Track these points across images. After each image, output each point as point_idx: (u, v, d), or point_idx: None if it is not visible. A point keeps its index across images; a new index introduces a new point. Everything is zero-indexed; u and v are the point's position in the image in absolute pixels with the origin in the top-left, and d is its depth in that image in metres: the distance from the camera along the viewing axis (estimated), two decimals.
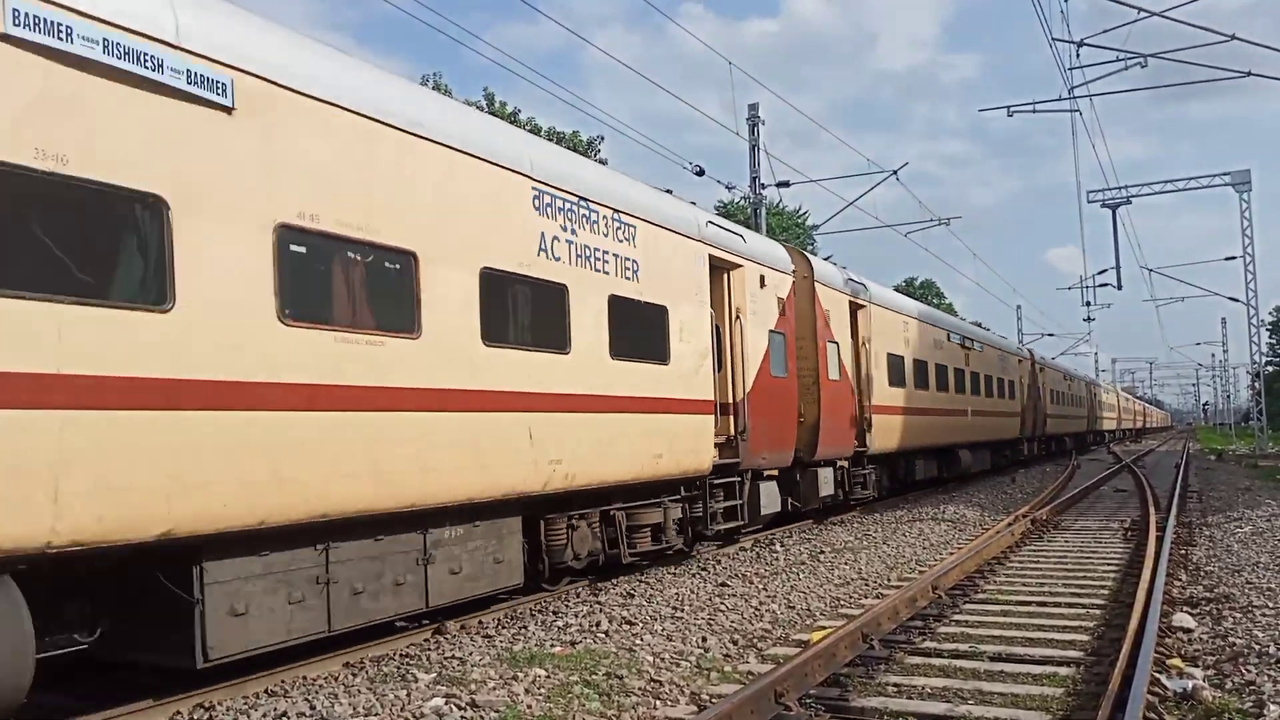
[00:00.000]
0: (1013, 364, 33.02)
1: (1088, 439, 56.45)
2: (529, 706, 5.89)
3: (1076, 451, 46.30)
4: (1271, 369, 74.05)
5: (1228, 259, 39.87)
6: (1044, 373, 39.80)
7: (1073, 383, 50.21)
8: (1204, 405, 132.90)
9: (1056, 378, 44.17)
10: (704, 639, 7.71)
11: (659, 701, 6.10)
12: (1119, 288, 35.11)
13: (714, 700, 5.97)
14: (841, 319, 16.83)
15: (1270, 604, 8.47)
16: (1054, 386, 42.58)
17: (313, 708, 5.94)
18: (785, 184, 25.99)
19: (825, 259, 19.83)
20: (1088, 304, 43.42)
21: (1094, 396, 59.68)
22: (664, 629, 8.09)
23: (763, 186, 24.42)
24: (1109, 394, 74.31)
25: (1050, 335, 62.41)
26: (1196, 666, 6.60)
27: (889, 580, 10.58)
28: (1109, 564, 11.33)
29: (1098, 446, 57.66)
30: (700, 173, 21.70)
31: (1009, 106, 27.68)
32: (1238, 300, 38.42)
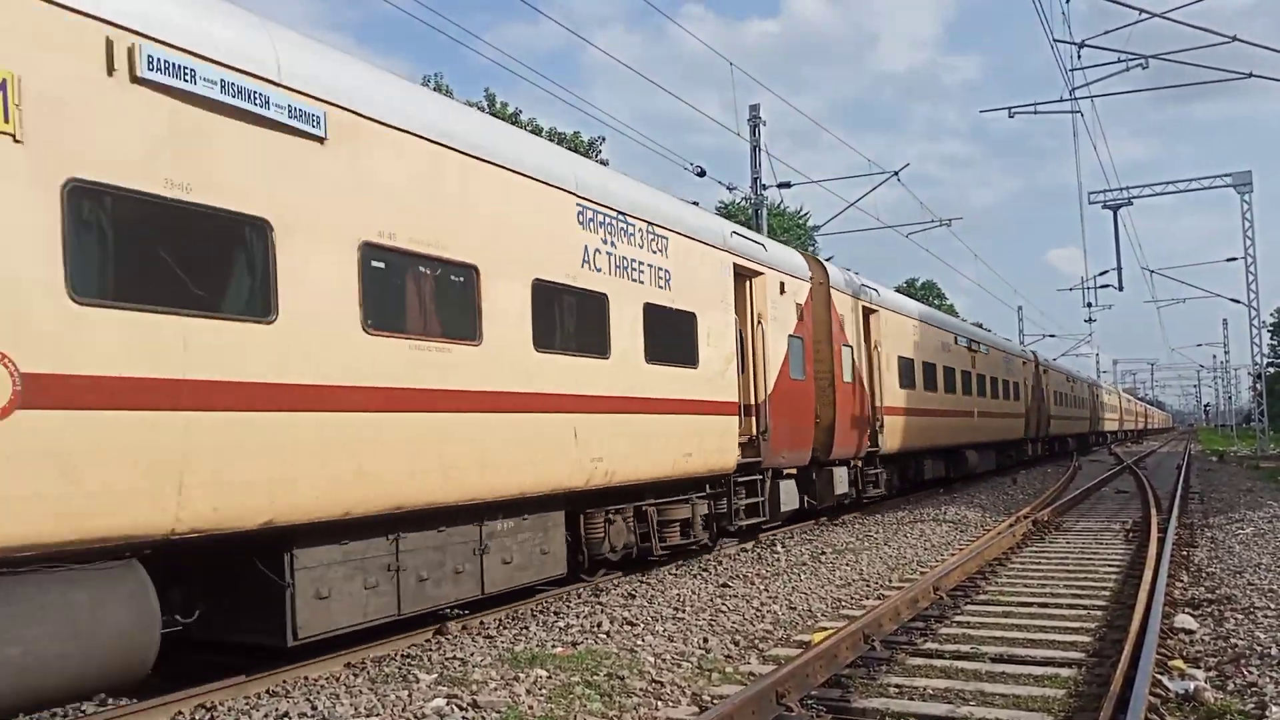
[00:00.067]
0: (1017, 366, 33.54)
1: (1090, 440, 56.94)
2: (530, 707, 5.91)
3: (1078, 452, 46.75)
4: (1273, 370, 74.16)
5: (1229, 260, 39.90)
6: (1047, 374, 40.30)
7: (1075, 384, 50.63)
8: (1205, 406, 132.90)
9: (1059, 379, 44.66)
10: (705, 640, 7.72)
11: (660, 702, 6.11)
12: (1120, 289, 35.18)
13: (715, 701, 5.98)
14: (855, 323, 17.41)
15: (1272, 605, 8.46)
16: (1057, 388, 43.08)
17: (314, 708, 5.98)
18: (786, 185, 26.18)
19: (826, 260, 20.36)
20: (1089, 305, 43.37)
21: (1096, 398, 60.11)
22: (665, 630, 8.09)
23: (764, 187, 24.59)
24: (1111, 395, 74.69)
25: (1051, 336, 62.68)
26: (1198, 668, 6.59)
27: (890, 581, 10.54)
28: (1110, 565, 11.28)
29: (1099, 447, 57.97)
30: (701, 173, 22.03)
31: (1010, 107, 27.67)
32: (1239, 301, 38.60)
